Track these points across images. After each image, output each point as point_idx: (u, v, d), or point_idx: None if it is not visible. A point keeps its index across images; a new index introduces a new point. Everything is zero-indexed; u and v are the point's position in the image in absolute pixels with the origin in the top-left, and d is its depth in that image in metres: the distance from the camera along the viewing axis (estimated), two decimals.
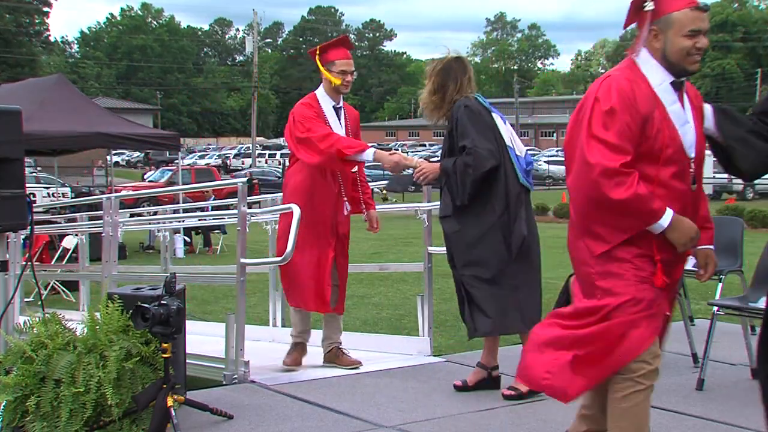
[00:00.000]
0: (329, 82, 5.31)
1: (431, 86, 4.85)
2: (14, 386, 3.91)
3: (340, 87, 5.30)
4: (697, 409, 4.53)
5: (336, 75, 5.26)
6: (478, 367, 4.93)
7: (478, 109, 4.70)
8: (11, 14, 72.27)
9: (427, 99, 4.88)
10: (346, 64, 5.29)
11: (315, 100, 5.35)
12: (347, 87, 5.33)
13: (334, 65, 5.27)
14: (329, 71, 5.28)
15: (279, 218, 5.59)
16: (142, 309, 3.93)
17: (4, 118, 4.33)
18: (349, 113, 5.52)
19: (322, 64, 5.28)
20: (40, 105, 14.51)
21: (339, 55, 5.30)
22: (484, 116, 4.69)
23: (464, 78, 4.79)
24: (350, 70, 5.29)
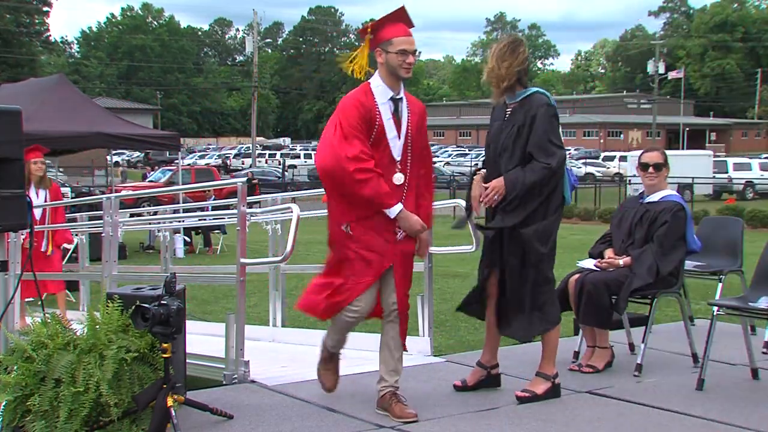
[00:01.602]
0: (387, 66, 4.35)
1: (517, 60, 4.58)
2: (14, 386, 3.91)
3: (400, 71, 4.33)
4: (697, 409, 4.53)
5: (394, 56, 4.31)
6: (477, 367, 4.92)
7: (555, 113, 4.60)
8: (11, 14, 72.27)
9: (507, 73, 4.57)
10: (406, 42, 4.33)
11: (368, 94, 4.35)
12: (409, 71, 4.37)
13: (391, 44, 4.31)
14: (386, 52, 4.33)
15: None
16: (142, 309, 3.93)
17: (4, 118, 4.33)
18: (413, 106, 4.47)
19: (376, 45, 4.36)
20: (41, 105, 14.51)
21: (397, 32, 4.34)
22: (558, 121, 4.62)
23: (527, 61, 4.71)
24: (411, 50, 4.36)
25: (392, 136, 4.33)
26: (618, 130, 76.84)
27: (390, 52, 4.31)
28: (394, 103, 4.37)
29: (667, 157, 5.61)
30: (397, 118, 4.36)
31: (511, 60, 4.57)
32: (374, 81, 4.41)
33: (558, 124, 4.62)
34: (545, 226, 4.54)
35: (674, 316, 7.37)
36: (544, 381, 4.70)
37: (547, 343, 4.70)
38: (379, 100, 4.33)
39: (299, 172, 44.66)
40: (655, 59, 62.44)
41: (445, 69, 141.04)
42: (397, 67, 4.31)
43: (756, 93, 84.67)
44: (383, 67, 4.36)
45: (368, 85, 4.40)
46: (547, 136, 4.49)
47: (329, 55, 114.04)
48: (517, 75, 4.59)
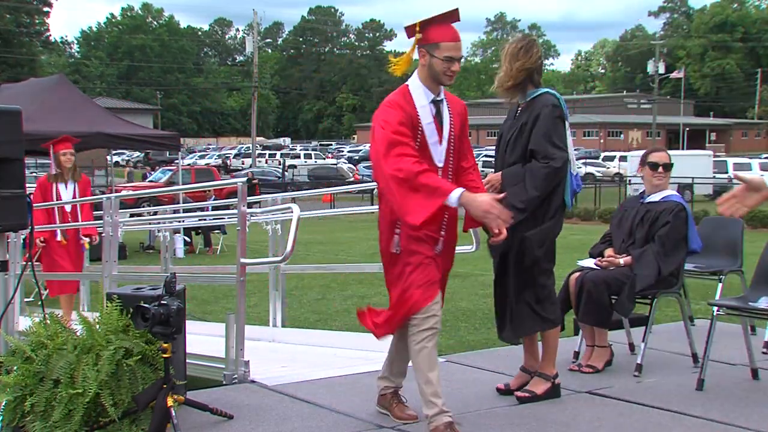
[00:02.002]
0: (429, 70, 4.06)
1: (529, 60, 4.57)
2: (14, 386, 3.91)
3: (442, 78, 4.05)
4: (697, 409, 4.52)
5: (439, 62, 4.01)
6: (521, 371, 4.85)
7: (561, 114, 4.56)
8: (11, 14, 72.29)
9: (515, 74, 4.58)
10: (454, 48, 4.03)
11: (407, 96, 4.08)
12: (452, 78, 4.09)
13: (438, 48, 4.01)
14: (431, 55, 4.03)
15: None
16: (142, 309, 3.93)
17: (4, 118, 4.32)
18: (454, 107, 4.21)
19: (421, 44, 4.05)
20: (41, 105, 14.52)
21: (446, 35, 4.04)
22: (563, 123, 4.57)
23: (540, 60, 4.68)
24: (458, 57, 4.05)
25: (433, 141, 4.06)
26: (618, 130, 76.85)
27: (435, 57, 4.02)
28: (435, 105, 4.08)
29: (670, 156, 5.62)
30: (438, 122, 4.07)
31: (524, 60, 4.57)
32: (413, 82, 4.10)
33: (564, 126, 4.56)
34: (543, 229, 4.53)
35: (674, 316, 7.37)
36: (544, 381, 4.69)
37: (547, 343, 4.69)
38: (418, 102, 4.05)
39: (299, 172, 44.66)
40: (655, 59, 62.44)
41: None
42: (440, 73, 4.03)
43: (756, 93, 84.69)
44: (425, 69, 4.07)
45: (406, 88, 4.10)
46: (548, 137, 4.47)
47: (329, 55, 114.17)
48: (525, 74, 4.58)
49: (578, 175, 4.76)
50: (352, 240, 18.12)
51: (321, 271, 11.38)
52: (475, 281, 11.11)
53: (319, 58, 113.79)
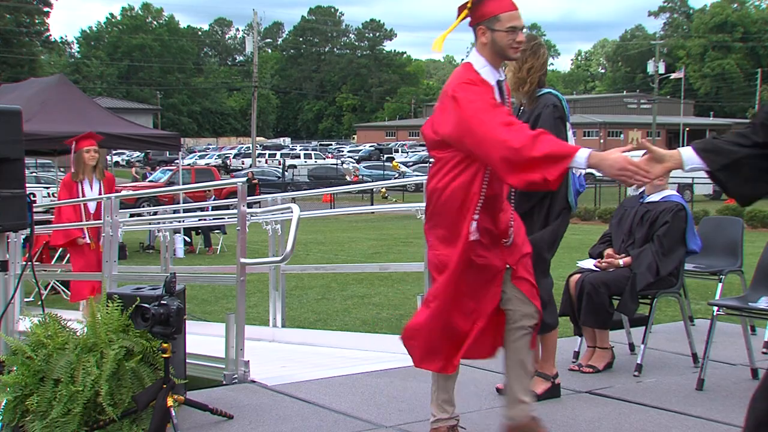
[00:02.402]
0: (492, 46, 3.72)
1: (538, 62, 4.58)
2: (14, 385, 3.91)
3: (508, 52, 3.74)
4: (698, 409, 4.53)
5: (503, 35, 3.71)
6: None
7: (562, 115, 4.55)
8: (11, 14, 72.29)
9: (529, 76, 4.58)
10: (515, 17, 3.74)
11: (476, 74, 3.74)
12: (517, 51, 3.77)
13: (498, 21, 3.70)
14: (492, 30, 3.71)
15: None
16: (142, 309, 3.93)
17: (4, 118, 4.32)
18: (507, 90, 3.97)
19: (479, 22, 3.73)
20: (41, 105, 14.51)
21: (503, 5, 3.73)
22: (564, 124, 4.56)
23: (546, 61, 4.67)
24: (521, 26, 3.75)
25: None
26: (618, 130, 76.81)
27: (497, 30, 3.67)
28: (499, 87, 3.78)
29: None
30: (503, 104, 3.77)
31: (533, 61, 4.58)
32: (477, 62, 3.74)
33: (564, 126, 4.56)
34: (551, 230, 4.53)
35: (674, 316, 7.37)
36: (544, 381, 4.69)
37: (546, 343, 4.69)
38: (490, 81, 3.74)
39: (299, 172, 44.68)
40: (655, 59, 62.45)
41: (445, 69, 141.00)
42: (506, 47, 3.69)
43: (756, 93, 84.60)
44: (487, 47, 3.71)
45: (471, 69, 3.73)
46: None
47: (329, 55, 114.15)
48: (538, 76, 4.60)
49: (581, 176, 4.74)
50: (352, 240, 18.13)
51: (321, 271, 11.39)
52: None
53: (319, 58, 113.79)
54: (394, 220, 24.66)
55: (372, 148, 63.41)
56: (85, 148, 7.91)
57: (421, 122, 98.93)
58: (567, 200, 4.60)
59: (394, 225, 22.85)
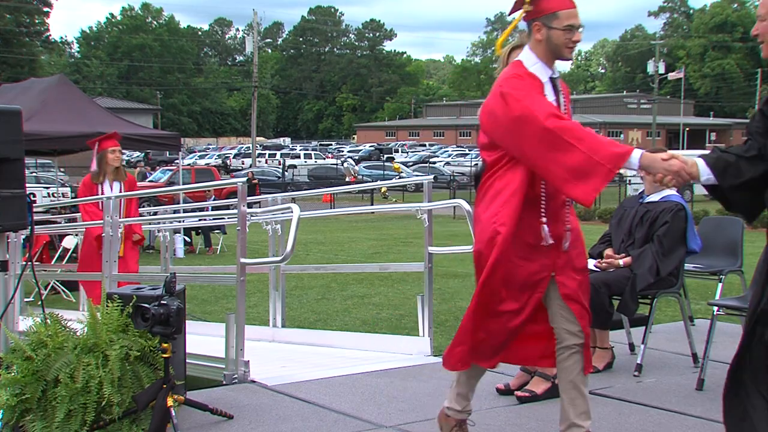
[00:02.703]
0: (547, 44, 3.60)
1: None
2: (14, 385, 3.91)
3: (563, 51, 3.61)
4: (697, 409, 4.53)
5: (560, 33, 3.57)
6: (521, 371, 4.85)
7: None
8: (11, 14, 72.31)
9: None
10: (573, 15, 3.59)
11: (525, 70, 3.61)
12: (572, 51, 3.65)
13: (556, 18, 3.56)
14: (548, 27, 3.58)
15: None
16: (142, 309, 3.93)
17: (4, 118, 4.33)
18: (564, 88, 3.79)
19: (535, 17, 3.60)
20: (41, 105, 14.50)
21: (563, 3, 3.59)
22: None
23: None
24: (578, 25, 3.61)
25: None
26: (618, 130, 76.82)
27: (554, 28, 3.54)
28: (552, 83, 3.64)
29: None
30: (557, 103, 3.61)
31: None
32: (528, 59, 3.61)
33: None
34: None
35: (674, 316, 7.37)
36: (544, 381, 4.70)
37: None
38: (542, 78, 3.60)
39: (299, 172, 44.68)
40: (655, 59, 62.46)
41: (445, 69, 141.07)
42: (561, 46, 3.57)
43: (756, 93, 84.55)
44: (541, 44, 3.59)
45: (521, 65, 3.60)
46: None
47: (329, 55, 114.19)
48: None
49: None
50: (352, 240, 18.12)
51: (321, 271, 11.39)
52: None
53: (319, 58, 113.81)
54: (394, 220, 24.66)
55: (372, 148, 63.41)
56: (110, 148, 7.67)
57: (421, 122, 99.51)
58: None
59: (394, 225, 22.85)
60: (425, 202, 6.06)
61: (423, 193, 6.18)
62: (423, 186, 6.25)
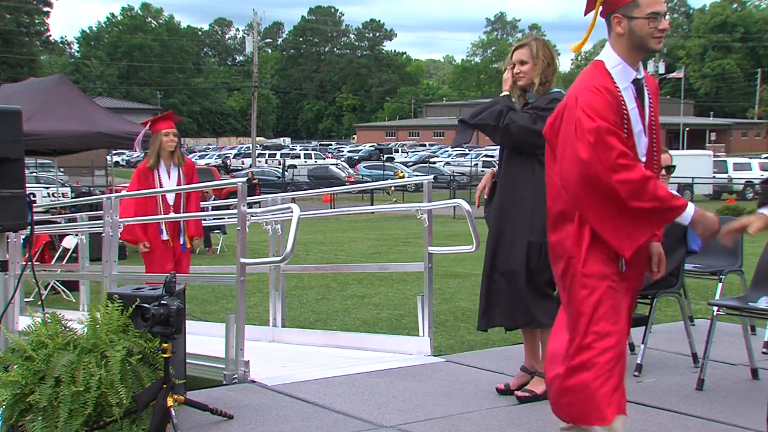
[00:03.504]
0: (630, 38, 3.24)
1: (546, 60, 4.64)
2: (14, 384, 3.92)
3: (650, 42, 3.25)
4: (698, 409, 4.53)
5: (643, 23, 3.22)
6: (521, 371, 4.84)
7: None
8: (11, 14, 72.32)
9: (545, 71, 4.63)
10: (656, 1, 3.24)
11: (606, 77, 3.24)
12: (660, 41, 3.27)
13: (637, 6, 3.21)
14: (629, 17, 3.23)
15: None
16: (142, 309, 3.93)
17: (4, 118, 4.33)
18: (650, 84, 3.38)
19: (613, 9, 3.25)
20: (41, 105, 14.50)
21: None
22: None
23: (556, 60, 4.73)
24: (663, 11, 3.24)
25: (638, 131, 3.27)
26: None
27: (636, 18, 3.21)
28: (637, 85, 3.29)
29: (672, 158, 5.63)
30: (641, 105, 3.29)
31: (556, 62, 4.76)
32: (609, 59, 3.28)
33: None
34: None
35: (674, 316, 7.37)
36: (544, 381, 4.70)
37: (545, 344, 4.69)
38: (620, 84, 3.24)
39: (299, 172, 44.67)
40: (655, 59, 62.45)
41: (445, 69, 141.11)
42: (647, 37, 3.23)
43: (756, 93, 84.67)
44: (623, 39, 3.25)
45: (602, 65, 3.28)
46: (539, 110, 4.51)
47: (329, 55, 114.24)
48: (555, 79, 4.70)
49: None
50: (352, 240, 18.12)
51: (321, 271, 11.39)
52: (475, 281, 11.07)
53: (319, 58, 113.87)
54: (394, 220, 24.66)
55: (372, 148, 63.42)
56: (164, 130, 6.92)
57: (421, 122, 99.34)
58: None
59: (394, 225, 22.84)
60: (425, 202, 6.06)
61: (423, 193, 6.17)
62: (423, 186, 6.24)
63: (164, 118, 7.09)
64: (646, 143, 3.31)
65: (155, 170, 6.97)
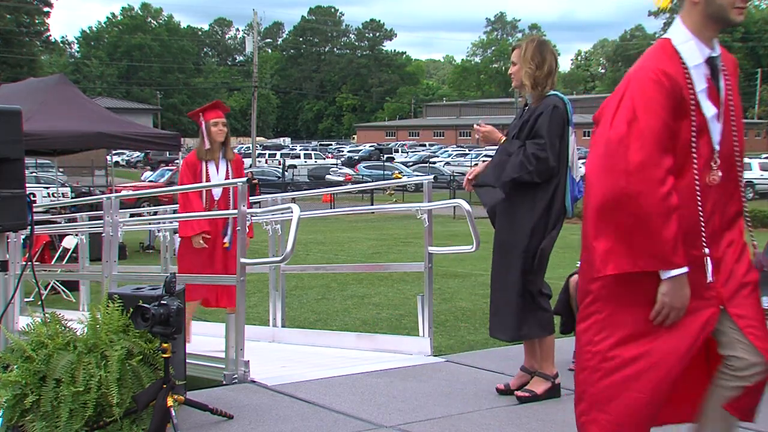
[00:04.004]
0: (706, 7, 2.85)
1: (534, 63, 4.56)
2: (14, 385, 3.91)
3: (730, 14, 2.85)
4: None
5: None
6: (521, 371, 4.85)
7: (564, 118, 4.54)
8: (11, 14, 72.33)
9: (532, 74, 4.55)
10: None
11: (672, 57, 2.86)
12: (742, 12, 2.86)
13: None
14: None
15: None
16: (142, 309, 3.93)
17: (4, 118, 4.32)
18: (728, 62, 2.97)
19: None
20: (41, 105, 14.51)
21: None
22: (565, 128, 4.55)
23: (555, 59, 4.66)
24: None
25: (711, 116, 2.87)
26: None
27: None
28: (710, 64, 2.88)
29: None
30: (715, 87, 2.89)
31: (553, 63, 4.65)
32: (677, 35, 2.89)
33: (565, 128, 4.54)
34: (552, 237, 4.55)
35: None
36: (544, 381, 4.70)
37: (543, 344, 4.70)
38: (689, 62, 2.84)
39: (299, 172, 44.67)
40: None
41: (445, 69, 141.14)
42: (726, 7, 2.83)
43: (756, 93, 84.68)
44: (697, 9, 2.86)
45: (668, 43, 2.90)
46: (542, 130, 4.48)
47: (329, 55, 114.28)
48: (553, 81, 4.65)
49: (581, 182, 4.73)
50: (352, 240, 18.12)
51: (321, 271, 11.39)
52: (475, 281, 11.11)
53: (319, 58, 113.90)
54: (394, 220, 24.65)
55: (372, 148, 63.42)
56: (212, 120, 6.48)
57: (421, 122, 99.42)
58: (564, 205, 4.60)
59: (394, 225, 22.84)
60: (425, 202, 6.06)
61: (423, 193, 6.18)
62: (423, 186, 6.25)
63: (213, 107, 6.65)
64: (719, 129, 2.89)
65: (203, 162, 6.51)
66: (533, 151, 4.47)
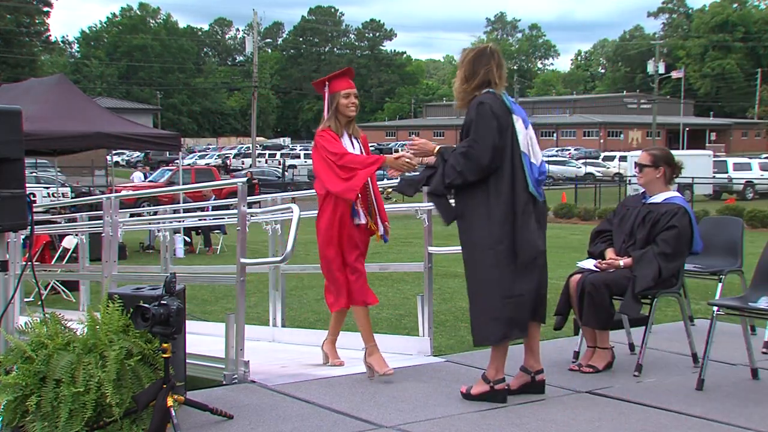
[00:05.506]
0: None
1: (462, 74, 4.60)
2: (14, 386, 3.91)
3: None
4: (698, 409, 4.52)
5: None
6: (521, 371, 4.83)
7: (492, 109, 4.47)
8: (11, 14, 72.31)
9: (459, 88, 4.62)
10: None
11: None
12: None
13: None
14: None
15: None
16: (142, 309, 3.93)
17: (4, 118, 4.33)
18: None
19: None
20: (41, 105, 14.51)
21: None
22: (500, 117, 4.48)
23: (495, 71, 4.57)
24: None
25: None
26: (618, 130, 76.84)
27: None
28: None
29: (666, 157, 5.54)
30: None
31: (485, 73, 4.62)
32: None
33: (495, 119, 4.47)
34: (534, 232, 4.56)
35: (674, 316, 7.37)
36: (484, 383, 4.68)
37: (529, 340, 4.75)
38: None
39: (299, 172, 44.65)
40: (654, 59, 62.47)
41: (444, 69, 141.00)
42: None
43: (756, 93, 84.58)
44: None
45: None
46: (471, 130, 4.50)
47: (329, 55, 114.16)
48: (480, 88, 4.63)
49: (542, 164, 4.66)
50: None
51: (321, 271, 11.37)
52: None
53: (319, 58, 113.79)
54: (394, 220, 24.61)
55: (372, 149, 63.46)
56: (343, 91, 5.38)
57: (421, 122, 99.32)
58: (528, 192, 4.56)
59: (394, 225, 22.78)
60: (425, 202, 6.06)
61: (423, 193, 6.17)
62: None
63: (342, 75, 5.52)
64: None
65: (340, 138, 5.41)
66: (460, 151, 4.47)
